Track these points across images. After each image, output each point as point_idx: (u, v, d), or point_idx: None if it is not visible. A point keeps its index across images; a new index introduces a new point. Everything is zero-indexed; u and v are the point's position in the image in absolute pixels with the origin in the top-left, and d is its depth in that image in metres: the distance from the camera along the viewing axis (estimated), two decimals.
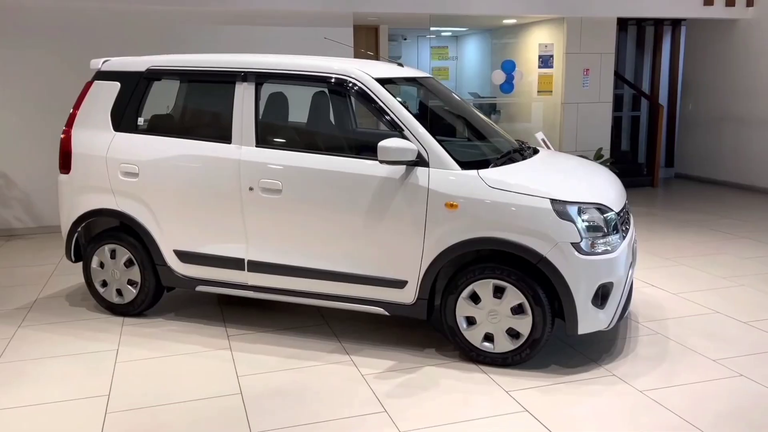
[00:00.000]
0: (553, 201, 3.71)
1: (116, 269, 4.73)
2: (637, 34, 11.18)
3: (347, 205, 4.05)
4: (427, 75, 5.02)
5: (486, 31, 11.07)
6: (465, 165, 3.90)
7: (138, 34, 7.39)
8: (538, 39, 9.45)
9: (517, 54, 9.98)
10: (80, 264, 4.95)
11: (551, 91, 9.28)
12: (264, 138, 4.30)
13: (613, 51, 9.36)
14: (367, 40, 9.35)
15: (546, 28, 9.35)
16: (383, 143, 3.79)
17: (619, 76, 10.50)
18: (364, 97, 4.10)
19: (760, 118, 9.55)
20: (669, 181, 10.97)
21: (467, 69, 11.59)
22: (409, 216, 3.92)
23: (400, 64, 4.83)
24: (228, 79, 4.38)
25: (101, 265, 4.78)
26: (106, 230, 4.83)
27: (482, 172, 3.87)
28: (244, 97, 4.32)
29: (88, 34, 7.29)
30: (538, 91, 9.34)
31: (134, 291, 4.72)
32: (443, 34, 11.56)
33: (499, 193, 3.77)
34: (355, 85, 4.13)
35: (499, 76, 9.22)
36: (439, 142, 3.95)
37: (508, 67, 9.28)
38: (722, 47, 10.10)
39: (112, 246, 4.72)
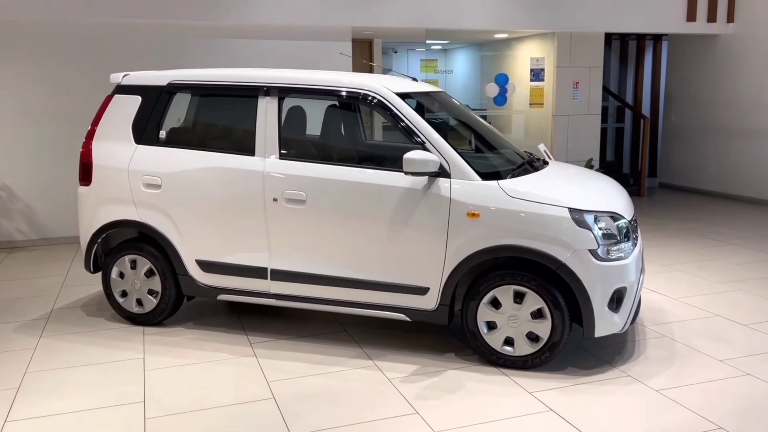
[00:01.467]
0: (571, 210, 3.90)
1: (137, 279, 4.81)
2: (621, 49, 11.54)
3: (371, 214, 4.19)
4: (439, 89, 5.19)
5: (475, 44, 11.33)
6: (485, 176, 4.07)
7: (141, 48, 7.48)
8: (527, 53, 9.71)
9: (506, 67, 10.24)
10: (91, 275, 5.05)
11: (542, 104, 9.53)
12: (287, 150, 4.43)
13: (601, 65, 9.65)
14: (362, 53, 9.53)
15: (536, 43, 9.62)
16: (409, 155, 3.94)
17: (604, 89, 10.80)
18: (386, 110, 4.25)
19: (742, 129, 9.92)
20: (653, 190, 11.28)
21: (457, 81, 11.81)
22: (431, 225, 4.08)
23: (414, 79, 5.01)
24: (250, 93, 4.51)
25: (121, 275, 4.86)
26: (126, 241, 4.90)
27: (502, 182, 4.05)
28: (267, 110, 4.44)
29: (91, 47, 7.36)
30: (530, 104, 9.60)
31: (155, 301, 4.80)
32: (433, 47, 11.78)
33: (519, 202, 3.95)
34: (375, 99, 4.29)
35: (493, 89, 9.45)
36: (459, 154, 4.12)
37: (502, 80, 9.52)
38: (704, 61, 10.47)
39: (133, 256, 4.80)
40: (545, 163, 4.81)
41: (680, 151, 11.17)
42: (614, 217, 4.03)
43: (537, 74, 9.43)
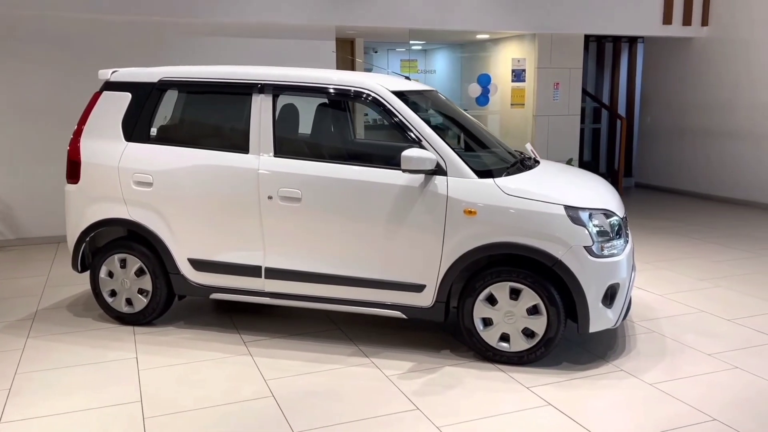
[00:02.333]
0: (566, 207, 3.95)
1: (126, 278, 4.75)
2: (598, 51, 11.71)
3: (367, 212, 4.19)
4: (431, 88, 5.22)
5: (455, 45, 11.39)
6: (481, 174, 4.10)
7: (121, 45, 7.38)
8: (509, 54, 9.80)
9: (488, 68, 10.32)
10: (75, 275, 4.95)
11: (524, 104, 9.63)
12: (282, 148, 4.41)
13: (581, 66, 9.79)
14: (343, 53, 9.53)
15: (517, 44, 9.72)
16: (407, 152, 3.96)
17: (582, 90, 10.95)
18: (382, 108, 4.26)
19: (716, 130, 10.14)
20: (629, 190, 11.47)
21: (437, 82, 11.86)
22: (428, 222, 4.10)
23: (408, 78, 5.02)
24: (244, 90, 4.48)
25: (110, 274, 4.79)
26: (115, 240, 4.83)
27: (498, 180, 4.08)
28: (261, 108, 4.42)
29: (71, 44, 7.23)
30: (512, 104, 9.68)
31: (145, 300, 4.74)
32: (414, 47, 11.82)
33: (515, 200, 3.99)
34: (371, 96, 4.30)
35: (476, 90, 9.52)
36: (456, 152, 4.14)
37: (484, 81, 9.59)
38: (679, 63, 10.68)
39: (123, 255, 4.73)
40: (536, 161, 4.87)
41: (656, 151, 11.38)
42: (607, 214, 4.10)
43: (518, 75, 9.53)
